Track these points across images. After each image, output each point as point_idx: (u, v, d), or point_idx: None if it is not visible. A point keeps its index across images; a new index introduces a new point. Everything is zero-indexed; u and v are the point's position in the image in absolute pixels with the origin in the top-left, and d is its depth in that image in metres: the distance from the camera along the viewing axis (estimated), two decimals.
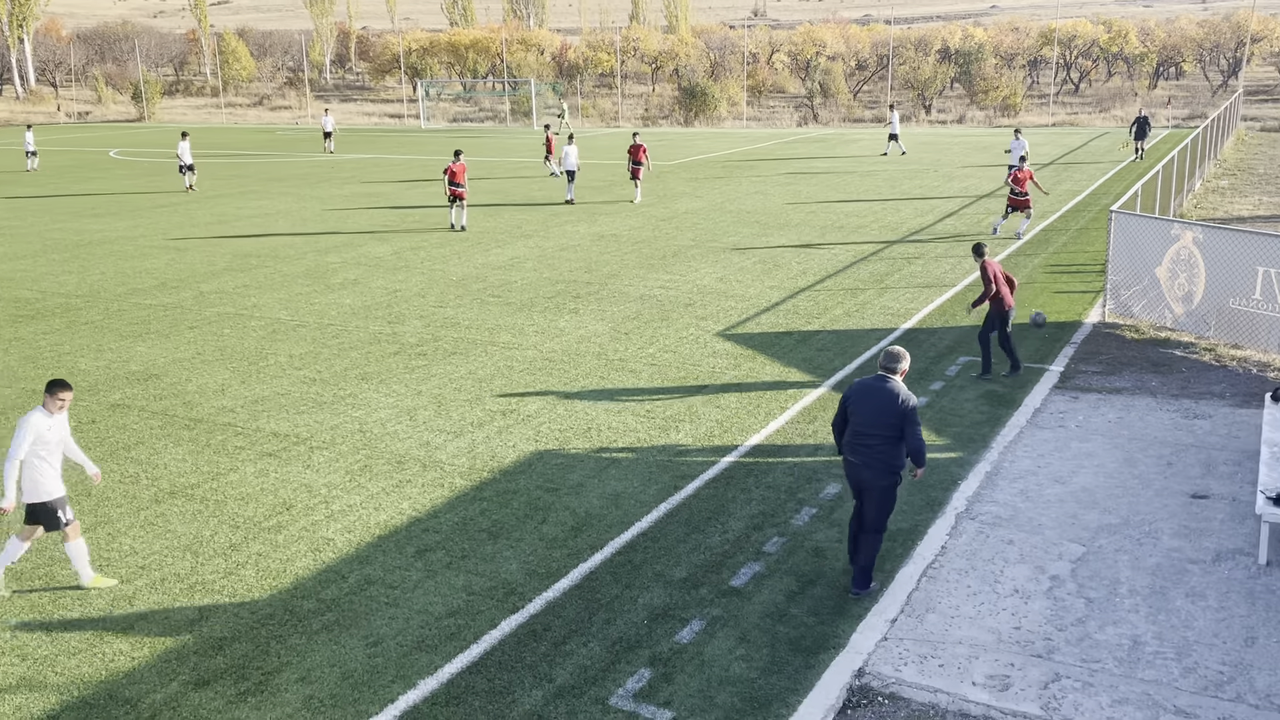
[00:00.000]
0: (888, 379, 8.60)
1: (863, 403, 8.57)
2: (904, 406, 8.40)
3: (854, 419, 8.63)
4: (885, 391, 8.51)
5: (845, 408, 8.71)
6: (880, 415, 8.46)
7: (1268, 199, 28.19)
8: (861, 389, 8.66)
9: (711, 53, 76.02)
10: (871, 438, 8.51)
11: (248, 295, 19.63)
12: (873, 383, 8.64)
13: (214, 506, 10.53)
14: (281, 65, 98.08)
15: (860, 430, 8.56)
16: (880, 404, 8.48)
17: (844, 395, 8.75)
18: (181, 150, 34.93)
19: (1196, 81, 75.70)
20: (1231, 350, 14.84)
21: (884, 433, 8.46)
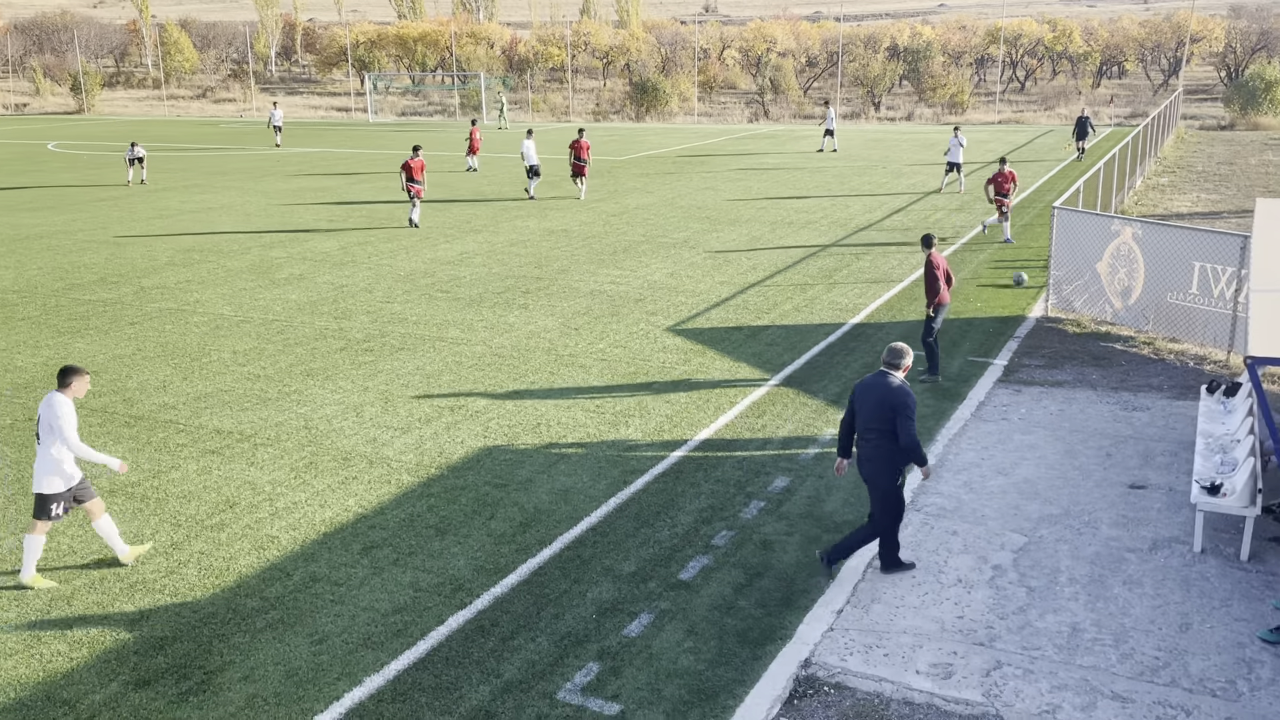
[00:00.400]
0: (889, 374, 8.65)
1: (864, 398, 8.64)
2: (896, 400, 8.44)
3: (858, 415, 8.71)
4: (883, 386, 8.58)
5: (852, 404, 8.81)
6: (879, 410, 8.52)
7: (1206, 196, 28.84)
8: (864, 385, 8.75)
9: (663, 48, 76.09)
10: (871, 433, 8.58)
11: (190, 291, 19.31)
12: (874, 379, 8.71)
13: (155, 505, 10.36)
14: (225, 57, 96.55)
15: (863, 426, 8.65)
16: (878, 399, 8.54)
17: (851, 393, 8.86)
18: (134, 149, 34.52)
19: (1138, 80, 77.19)
20: (1169, 344, 15.16)
21: (881, 427, 8.51)
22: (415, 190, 25.53)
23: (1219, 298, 14.36)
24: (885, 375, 8.67)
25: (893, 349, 8.80)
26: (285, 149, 46.57)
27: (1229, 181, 31.48)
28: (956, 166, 30.05)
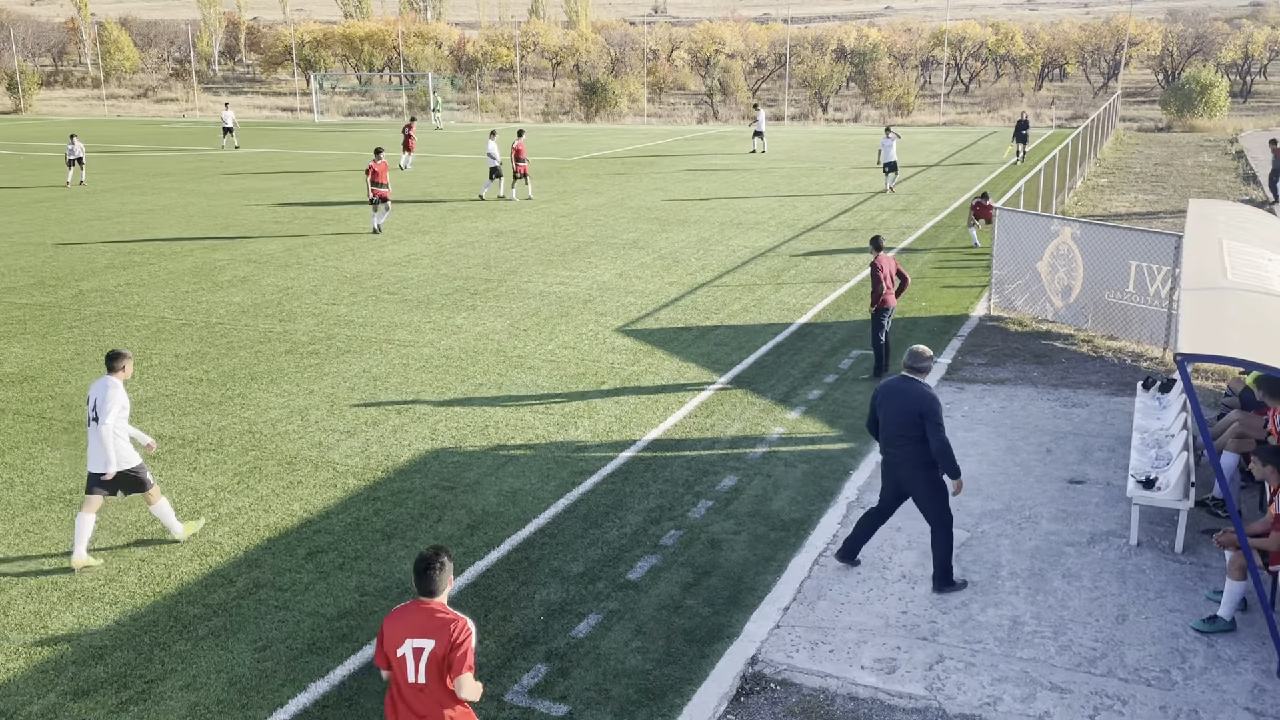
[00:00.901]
0: (913, 379, 8.54)
1: (888, 403, 8.52)
2: (924, 406, 8.34)
3: (882, 419, 8.60)
4: (908, 392, 8.45)
5: (874, 408, 8.71)
6: (905, 415, 8.40)
7: (1143, 196, 29.47)
8: (887, 390, 8.61)
9: (612, 49, 76.12)
10: (900, 438, 8.49)
11: (130, 294, 18.97)
12: (898, 383, 8.58)
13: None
14: (167, 56, 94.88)
15: (889, 431, 8.55)
16: (904, 404, 8.42)
17: (873, 395, 8.77)
18: (74, 145, 33.71)
19: (1079, 83, 78.65)
20: (1108, 341, 15.48)
21: (909, 433, 8.41)
22: (380, 194, 24.57)
23: (1155, 296, 14.69)
24: (909, 380, 8.53)
25: (915, 353, 8.64)
26: (231, 150, 45.86)
27: (1165, 182, 32.20)
28: (893, 165, 30.47)
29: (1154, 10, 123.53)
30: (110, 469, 8.99)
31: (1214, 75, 53.44)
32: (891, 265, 13.92)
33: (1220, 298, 8.10)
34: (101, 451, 8.95)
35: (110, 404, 8.90)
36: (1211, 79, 52.22)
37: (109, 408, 8.89)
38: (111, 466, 8.99)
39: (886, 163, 30.38)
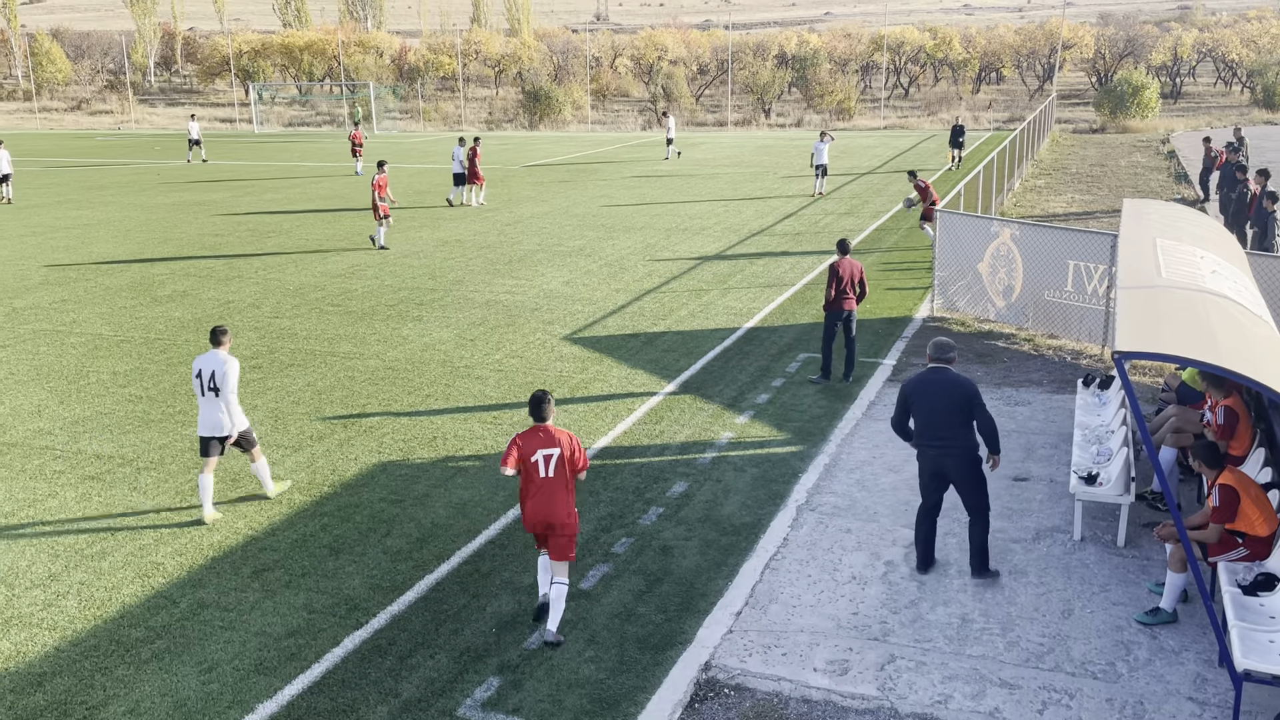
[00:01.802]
0: (945, 369, 8.69)
1: (925, 396, 8.64)
2: (969, 391, 8.54)
3: (920, 414, 8.69)
4: (947, 381, 8.61)
5: (905, 405, 8.78)
6: (951, 404, 8.55)
7: (1080, 196, 30.05)
8: (920, 384, 8.71)
9: (555, 56, 76.03)
10: (947, 429, 8.60)
11: (66, 310, 18.54)
12: (930, 375, 8.70)
13: (31, 535, 9.91)
14: (101, 68, 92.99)
15: (932, 423, 8.65)
16: (945, 393, 8.57)
17: (903, 393, 8.80)
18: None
19: (1015, 86, 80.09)
20: (1048, 340, 15.74)
21: (955, 420, 8.57)
22: (384, 209, 23.80)
23: (1092, 295, 14.97)
24: (943, 370, 8.68)
25: (942, 344, 8.80)
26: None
27: (1100, 182, 32.87)
28: (824, 169, 30.95)
29: (1086, 14, 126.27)
30: (235, 431, 10.15)
31: (1145, 77, 54.70)
32: (851, 270, 13.75)
33: (1155, 296, 8.26)
34: (224, 417, 10.10)
35: (230, 376, 10.01)
36: (1143, 81, 53.44)
37: (230, 380, 10.01)
38: (235, 429, 10.14)
39: (818, 165, 30.89)
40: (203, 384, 10.06)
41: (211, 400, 10.07)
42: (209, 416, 10.12)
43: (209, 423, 10.13)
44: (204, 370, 10.05)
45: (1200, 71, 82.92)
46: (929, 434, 8.73)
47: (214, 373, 10.01)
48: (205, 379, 10.04)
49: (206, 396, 10.07)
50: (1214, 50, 71.63)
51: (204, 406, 10.12)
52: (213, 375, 10.01)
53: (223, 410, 10.10)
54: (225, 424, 10.13)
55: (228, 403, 10.08)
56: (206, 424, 10.14)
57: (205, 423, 10.15)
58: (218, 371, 10.00)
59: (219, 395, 10.04)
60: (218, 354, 10.10)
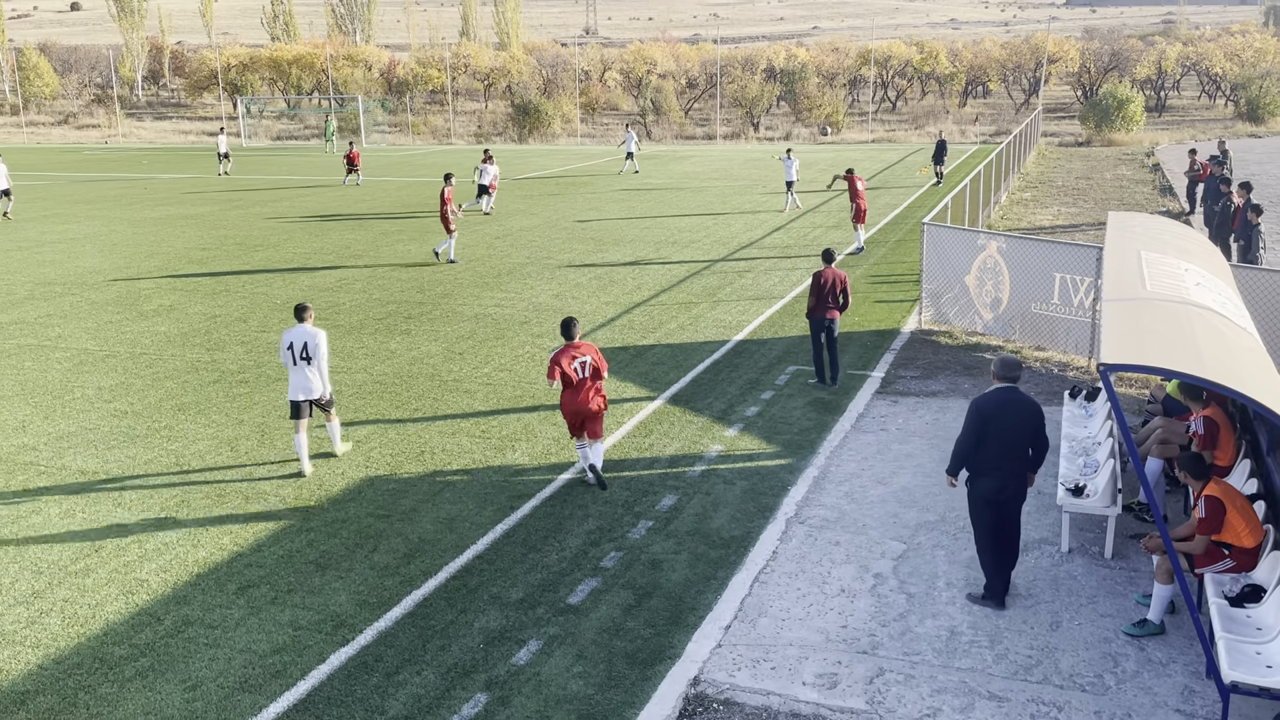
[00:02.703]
0: (1015, 389, 8.42)
1: (1004, 420, 8.25)
2: (1040, 413, 8.33)
3: (995, 438, 8.26)
4: (1025, 402, 8.34)
5: (982, 428, 8.28)
6: (1025, 428, 8.28)
7: (1066, 209, 30.20)
8: (998, 404, 8.30)
9: (544, 70, 76.18)
10: (1019, 452, 8.30)
11: (51, 325, 18.46)
12: (1007, 397, 8.34)
13: (14, 551, 9.83)
14: (89, 82, 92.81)
15: (1010, 448, 8.29)
16: (1022, 414, 8.28)
17: (977, 416, 8.31)
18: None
19: (1001, 99, 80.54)
20: (1035, 351, 15.79)
21: (1026, 443, 8.32)
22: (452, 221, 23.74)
23: (1079, 307, 15.03)
24: (1016, 391, 8.40)
25: (1010, 361, 8.47)
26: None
27: (1086, 195, 33.04)
28: (790, 185, 31.41)
29: (1071, 29, 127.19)
30: (327, 393, 11.52)
31: (1130, 91, 55.05)
32: (833, 279, 13.98)
33: (1139, 308, 8.30)
34: (315, 382, 11.39)
35: (322, 345, 11.37)
36: (1128, 94, 53.79)
37: (322, 348, 11.38)
38: (327, 392, 11.52)
39: (787, 181, 31.24)
40: (294, 354, 11.32)
41: (303, 368, 11.34)
42: (300, 382, 11.38)
43: (301, 388, 11.39)
44: (294, 342, 11.31)
45: (1184, 85, 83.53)
46: (1002, 459, 8.29)
47: (305, 344, 11.30)
48: (297, 350, 11.31)
49: (298, 365, 11.34)
50: (1198, 64, 72.17)
51: (295, 374, 11.39)
52: (305, 346, 11.30)
53: (314, 375, 11.38)
54: (317, 388, 11.42)
55: (321, 368, 11.39)
56: (298, 389, 11.40)
57: (297, 388, 11.40)
58: (310, 343, 11.32)
59: (310, 363, 11.34)
60: (305, 327, 11.39)
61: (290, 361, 11.36)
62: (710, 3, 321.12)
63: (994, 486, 8.36)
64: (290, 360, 11.36)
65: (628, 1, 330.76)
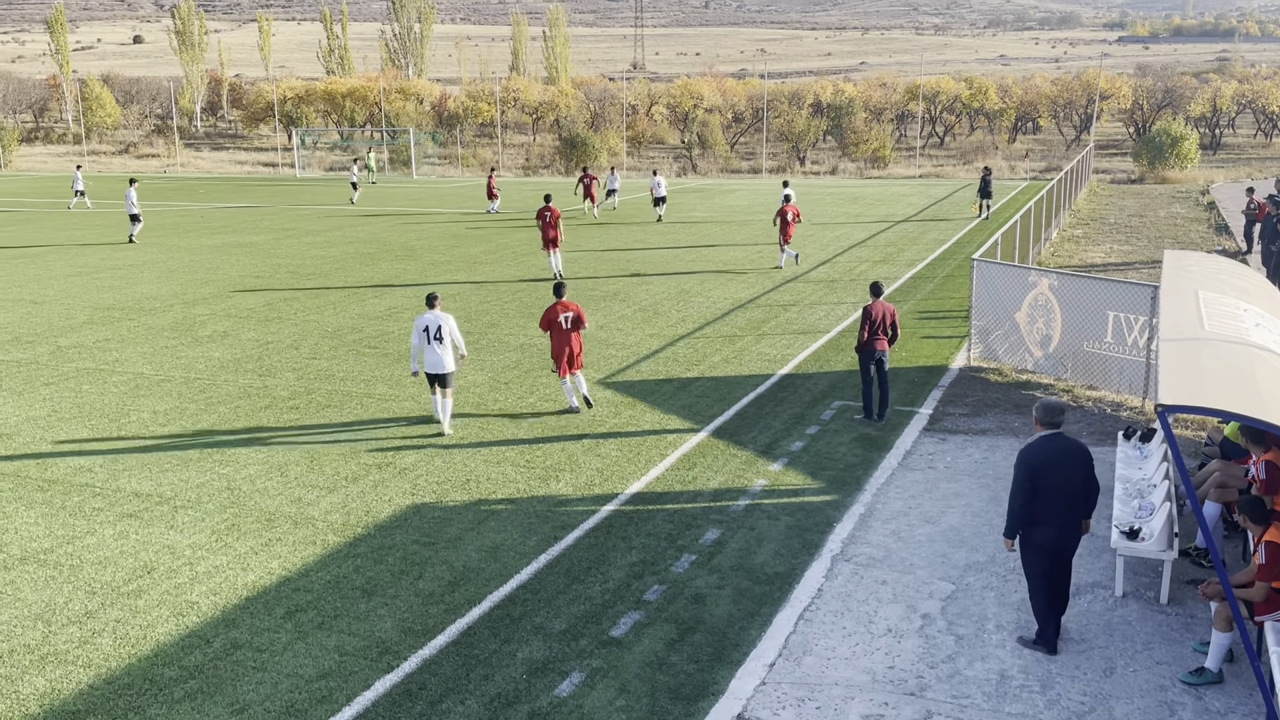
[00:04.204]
0: (1061, 435, 8.25)
1: (1057, 467, 8.09)
2: (1089, 457, 8.19)
3: (1050, 488, 8.08)
4: (1074, 448, 8.17)
5: (1035, 479, 8.08)
6: (1074, 473, 8.11)
7: (1118, 247, 29.84)
8: (1051, 452, 8.12)
9: (592, 104, 76.95)
10: (1074, 501, 8.13)
11: (109, 350, 18.85)
12: (1060, 444, 8.17)
13: (69, 572, 10.00)
14: (149, 112, 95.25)
15: (1067, 496, 8.11)
16: (1073, 461, 8.12)
17: (1029, 469, 8.10)
18: (128, 198, 33.33)
19: (1052, 136, 79.98)
20: (1087, 391, 15.56)
21: (1079, 488, 8.16)
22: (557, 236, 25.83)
23: (1132, 346, 14.81)
24: (1062, 437, 8.21)
25: (1053, 406, 8.28)
26: (213, 203, 45.86)
27: (1140, 233, 32.64)
28: None
29: (1123, 65, 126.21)
30: (457, 366, 13.84)
31: (1184, 128, 54.47)
32: (883, 311, 14.06)
33: (1198, 348, 8.16)
34: (449, 358, 13.62)
35: (453, 324, 13.72)
36: (1182, 132, 53.21)
37: (454, 326, 13.70)
38: (455, 365, 13.73)
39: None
40: (430, 334, 13.56)
41: (436, 347, 13.53)
42: (434, 359, 13.59)
43: (435, 364, 13.60)
44: (429, 325, 13.57)
45: (1240, 123, 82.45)
46: (1060, 508, 8.09)
47: (439, 326, 13.57)
48: (432, 330, 13.56)
49: (432, 345, 13.55)
50: (1254, 102, 71.26)
51: (429, 352, 13.58)
52: (439, 328, 13.55)
53: (445, 352, 13.56)
54: (448, 363, 13.60)
55: (457, 341, 13.71)
56: (432, 364, 13.62)
57: (431, 364, 13.62)
58: (444, 325, 13.60)
59: (442, 342, 13.55)
60: (436, 312, 13.69)
61: (425, 341, 13.56)
62: (758, 38, 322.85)
63: (1050, 536, 8.19)
64: (425, 340, 13.56)
65: (675, 38, 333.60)
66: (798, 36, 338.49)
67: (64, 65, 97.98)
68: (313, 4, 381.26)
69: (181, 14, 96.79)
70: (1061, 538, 8.20)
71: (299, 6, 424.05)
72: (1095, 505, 8.42)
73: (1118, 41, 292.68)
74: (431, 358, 13.66)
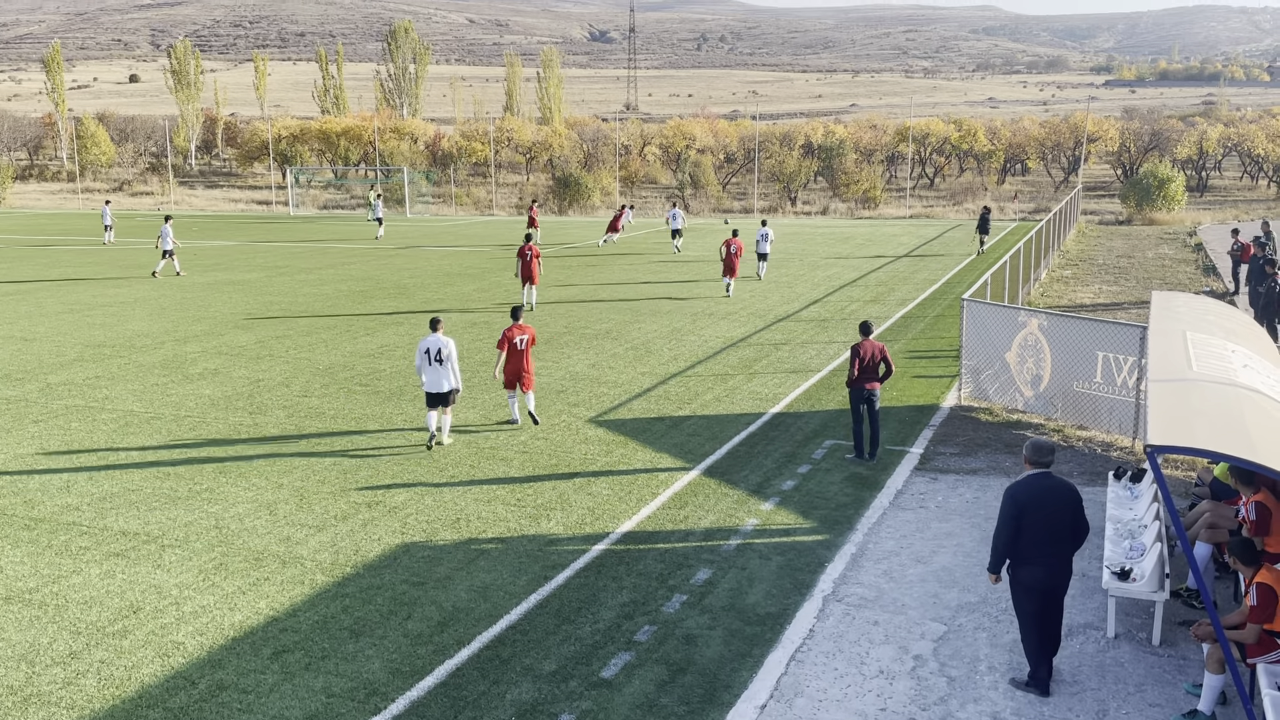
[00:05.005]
0: (1049, 474, 8.26)
1: (1043, 505, 8.09)
2: (1078, 496, 8.18)
3: (1035, 526, 8.07)
4: (1064, 488, 8.19)
5: (1020, 517, 8.09)
6: (1061, 511, 8.12)
7: (1107, 287, 30.03)
8: (1036, 490, 8.14)
9: (585, 144, 77.49)
10: (1061, 539, 8.12)
11: (99, 387, 18.79)
12: (1045, 482, 8.19)
13: (53, 612, 9.90)
14: (144, 151, 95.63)
15: (1052, 534, 8.10)
16: (1066, 503, 8.13)
17: (1015, 506, 8.12)
18: (164, 233, 33.80)
19: (1040, 177, 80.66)
20: (1078, 431, 15.59)
21: (1067, 528, 8.15)
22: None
23: (1122, 386, 14.86)
24: (1051, 476, 8.24)
25: (1042, 445, 8.32)
26: (199, 242, 45.93)
27: (1128, 274, 32.86)
28: (764, 256, 32.46)
29: (1110, 108, 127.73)
30: (457, 386, 14.68)
31: (1171, 170, 54.96)
32: (872, 351, 14.13)
33: (1187, 389, 8.20)
34: (449, 379, 14.50)
35: (453, 348, 14.58)
36: (1169, 174, 53.70)
37: (453, 351, 14.56)
38: (457, 384, 14.68)
39: (760, 253, 31.93)
40: (430, 356, 14.42)
41: (437, 368, 14.41)
42: (434, 379, 14.46)
43: (435, 383, 14.47)
44: (430, 347, 14.46)
45: (1226, 165, 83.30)
46: (1045, 547, 8.10)
47: (440, 349, 14.43)
48: (433, 353, 14.43)
49: (433, 366, 14.41)
50: (1239, 145, 72.03)
51: (429, 373, 14.46)
52: (439, 350, 14.41)
53: (446, 373, 14.43)
54: (447, 383, 14.48)
55: (454, 367, 14.50)
56: (432, 384, 14.49)
57: (431, 384, 14.48)
58: (444, 348, 14.45)
59: (443, 364, 14.39)
60: (438, 336, 14.52)
61: (426, 363, 14.44)
62: (749, 80, 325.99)
63: (1038, 575, 8.18)
64: (426, 361, 14.44)
65: (668, 79, 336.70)
66: (789, 79, 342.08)
67: (59, 104, 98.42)
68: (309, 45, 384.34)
69: (178, 53, 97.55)
70: (1050, 577, 8.19)
71: (295, 47, 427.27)
72: (1082, 545, 8.39)
73: (1104, 85, 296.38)
74: (432, 378, 14.46)
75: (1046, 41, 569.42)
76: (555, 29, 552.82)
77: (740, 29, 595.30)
